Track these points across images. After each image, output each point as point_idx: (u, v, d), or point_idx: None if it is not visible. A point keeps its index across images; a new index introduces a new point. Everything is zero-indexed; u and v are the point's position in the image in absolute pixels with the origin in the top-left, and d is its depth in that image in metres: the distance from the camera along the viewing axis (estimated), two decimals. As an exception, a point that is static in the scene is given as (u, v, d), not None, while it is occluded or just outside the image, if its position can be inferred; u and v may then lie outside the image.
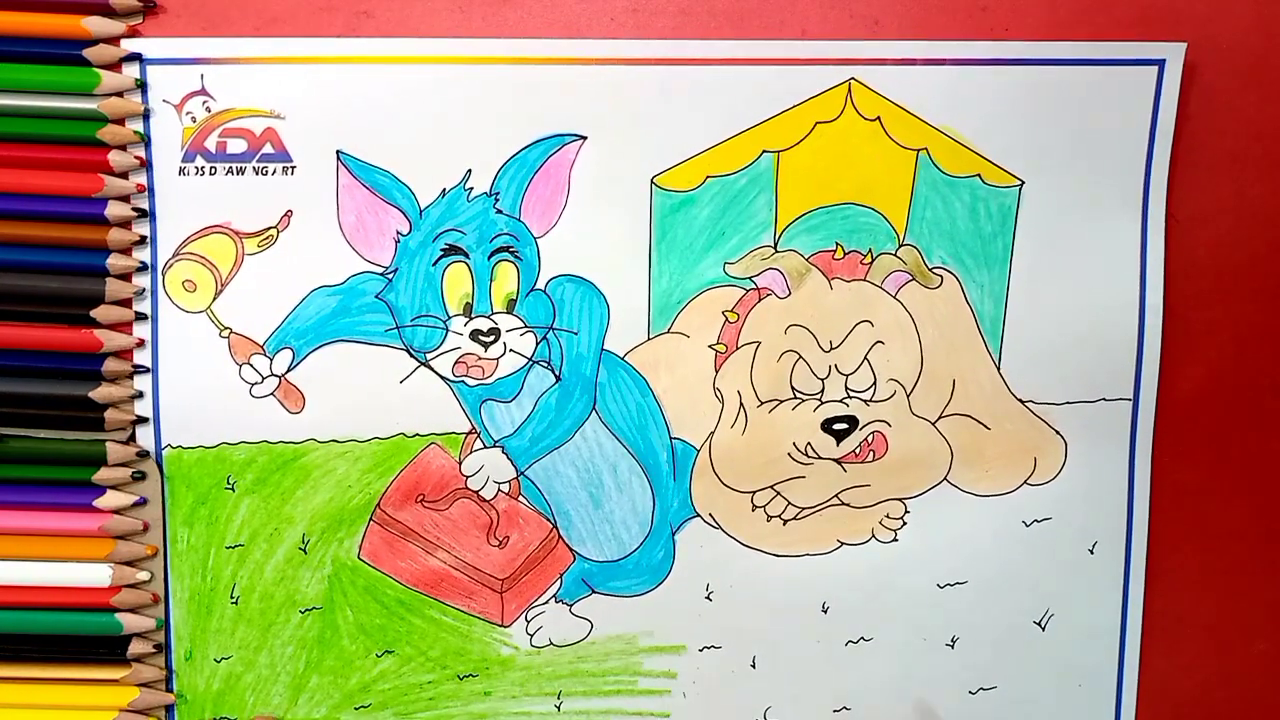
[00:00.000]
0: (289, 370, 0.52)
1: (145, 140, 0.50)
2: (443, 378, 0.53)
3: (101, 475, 0.52)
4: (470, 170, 0.52)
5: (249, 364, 0.52)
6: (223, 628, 0.54)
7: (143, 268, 0.51)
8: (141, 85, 0.50)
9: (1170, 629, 0.57)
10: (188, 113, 0.51)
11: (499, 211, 0.52)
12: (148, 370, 0.52)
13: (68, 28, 0.49)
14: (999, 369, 0.54)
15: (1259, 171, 0.55)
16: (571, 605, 0.55)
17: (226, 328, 0.52)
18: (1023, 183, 0.54)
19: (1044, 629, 0.56)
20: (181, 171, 0.51)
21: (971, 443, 0.55)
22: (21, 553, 0.52)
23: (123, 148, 0.50)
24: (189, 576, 0.53)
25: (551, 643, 0.55)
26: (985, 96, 0.53)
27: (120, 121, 0.50)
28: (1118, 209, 0.54)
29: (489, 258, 0.52)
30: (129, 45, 0.50)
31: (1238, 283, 0.55)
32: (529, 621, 0.55)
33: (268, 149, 0.51)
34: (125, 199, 0.51)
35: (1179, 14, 0.53)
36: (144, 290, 0.51)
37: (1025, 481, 0.55)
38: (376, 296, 0.52)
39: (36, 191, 0.50)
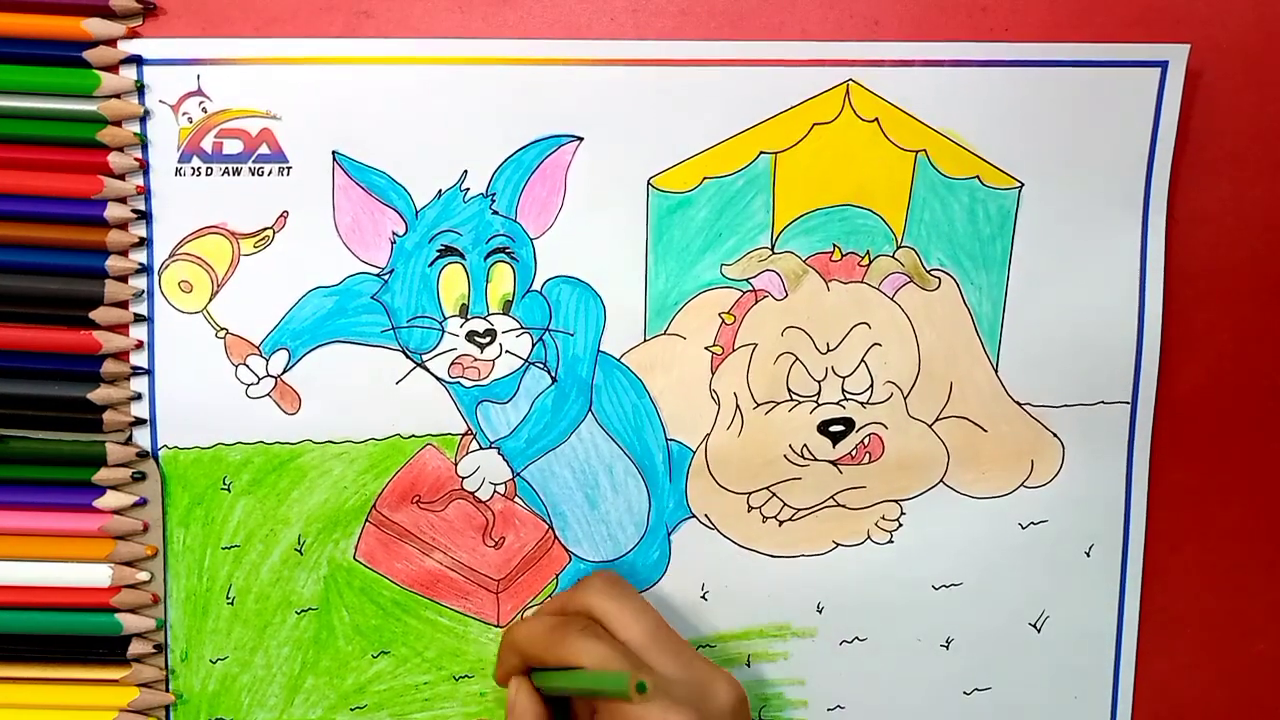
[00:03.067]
0: (285, 371, 0.52)
1: (142, 140, 0.50)
2: (438, 379, 0.53)
3: (101, 476, 0.52)
4: (466, 171, 0.52)
5: (245, 365, 0.52)
6: (218, 628, 0.54)
7: (140, 269, 0.51)
8: (141, 87, 0.50)
9: (1167, 631, 0.57)
10: (184, 113, 0.50)
11: (495, 212, 0.52)
12: (146, 372, 0.52)
13: (67, 29, 0.49)
14: (996, 372, 0.54)
15: (1259, 172, 0.55)
16: (567, 606, 0.55)
17: (223, 328, 0.52)
18: (1022, 185, 0.53)
19: (1039, 631, 0.56)
20: (178, 172, 0.51)
21: (968, 445, 0.55)
22: (21, 553, 0.52)
23: (122, 149, 0.50)
24: (185, 577, 0.53)
25: (547, 643, 0.55)
26: (985, 98, 0.53)
27: (119, 123, 0.50)
28: (1118, 212, 0.54)
29: (485, 259, 0.52)
30: (126, 46, 0.50)
31: (1238, 283, 0.55)
32: (525, 622, 0.55)
33: (264, 149, 0.51)
34: (124, 201, 0.51)
35: (1178, 15, 0.53)
36: (141, 292, 0.51)
37: (1022, 484, 0.55)
38: (372, 297, 0.52)
39: (36, 193, 0.50)
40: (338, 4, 0.51)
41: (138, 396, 0.52)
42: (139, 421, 0.52)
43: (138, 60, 0.50)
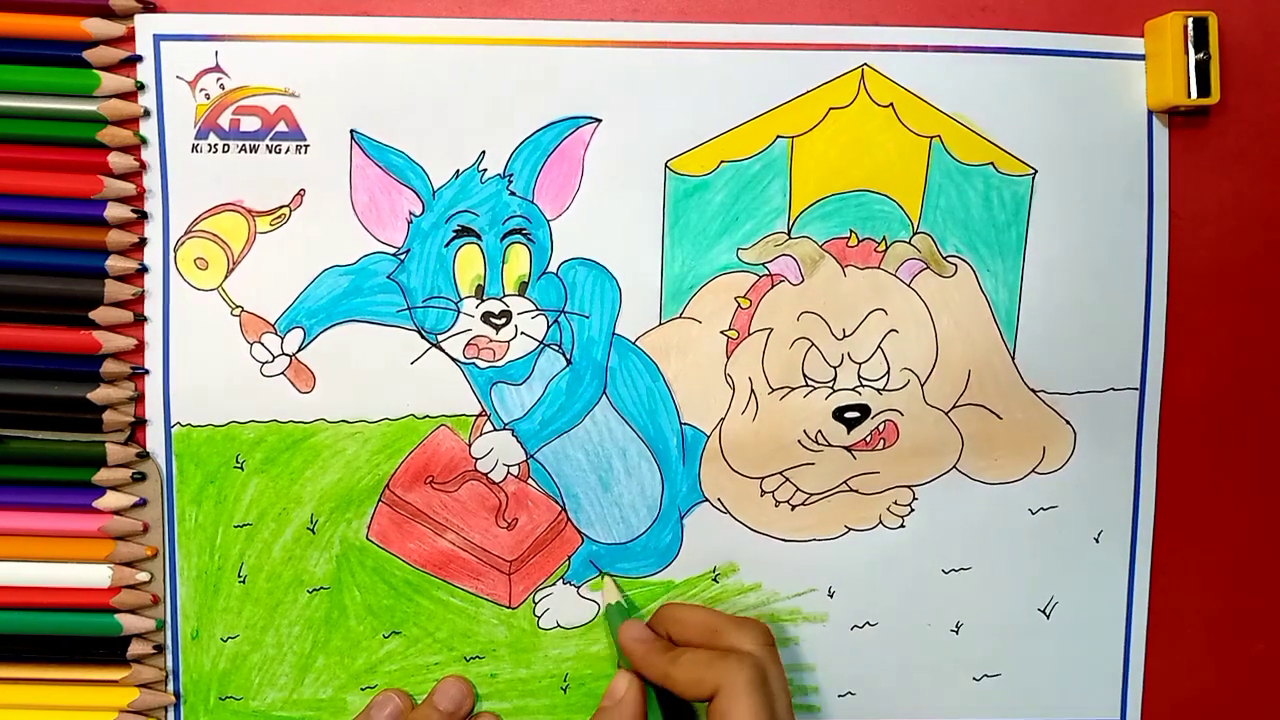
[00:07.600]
0: (300, 350, 0.52)
1: (158, 116, 0.50)
2: (453, 359, 0.53)
3: (101, 476, 0.51)
4: (484, 151, 0.52)
5: (260, 343, 0.52)
6: (230, 607, 0.53)
7: (141, 270, 0.51)
8: (141, 87, 0.50)
9: (1174, 618, 0.57)
10: (201, 89, 0.50)
11: (512, 193, 0.52)
12: (147, 372, 0.52)
13: (67, 29, 0.49)
14: (1014, 359, 0.54)
15: (1260, 171, 0.55)
16: (579, 587, 0.55)
17: (238, 306, 0.52)
18: (1036, 172, 0.53)
19: (1048, 616, 0.57)
20: (194, 149, 0.51)
21: (983, 432, 0.55)
22: (21, 553, 0.52)
23: (123, 149, 0.50)
24: (196, 555, 0.53)
25: (559, 625, 0.55)
26: (995, 85, 0.53)
27: (120, 123, 0.50)
28: (1125, 200, 0.54)
29: (501, 240, 0.52)
30: (145, 21, 0.50)
31: (1238, 282, 0.55)
32: (536, 603, 0.55)
33: (281, 127, 0.51)
34: (124, 201, 0.50)
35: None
36: (141, 291, 0.51)
37: (1033, 470, 0.56)
38: (388, 277, 0.52)
39: (36, 193, 0.50)
40: (338, 4, 0.51)
41: (138, 396, 0.52)
42: (139, 421, 0.52)
43: (138, 60, 0.50)
